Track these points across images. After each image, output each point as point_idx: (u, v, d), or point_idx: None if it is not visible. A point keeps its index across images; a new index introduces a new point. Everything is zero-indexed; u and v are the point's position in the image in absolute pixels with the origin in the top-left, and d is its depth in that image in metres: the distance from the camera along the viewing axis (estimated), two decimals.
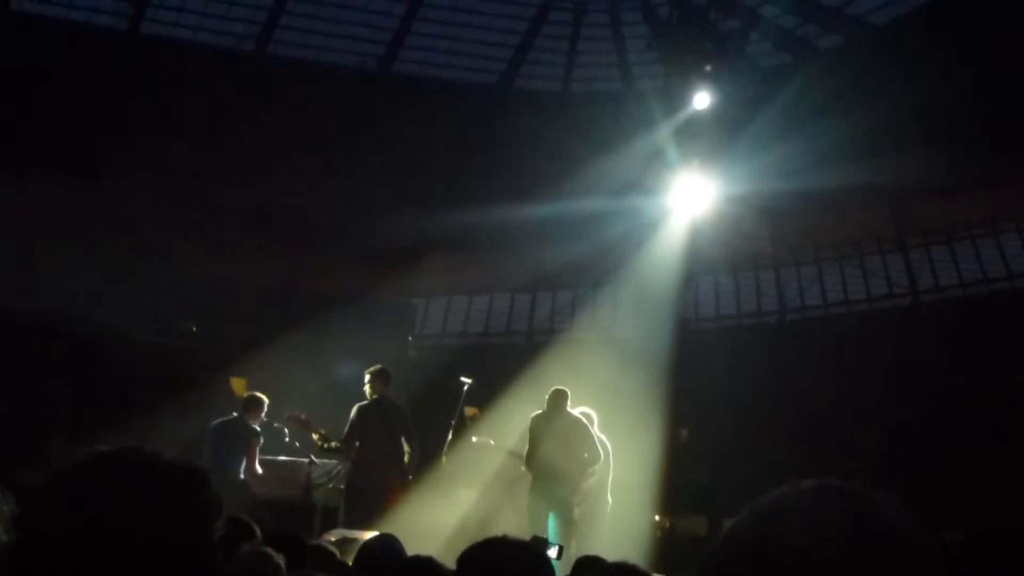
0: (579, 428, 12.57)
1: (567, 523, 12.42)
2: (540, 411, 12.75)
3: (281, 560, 5.10)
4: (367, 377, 12.81)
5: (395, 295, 30.92)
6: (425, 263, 29.47)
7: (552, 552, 7.00)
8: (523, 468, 12.96)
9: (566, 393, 12.78)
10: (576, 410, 12.83)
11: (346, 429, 12.54)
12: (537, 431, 12.60)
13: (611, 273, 28.13)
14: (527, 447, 12.72)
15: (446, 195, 24.80)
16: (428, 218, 24.06)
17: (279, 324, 23.92)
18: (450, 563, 4.38)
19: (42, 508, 1.79)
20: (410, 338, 31.21)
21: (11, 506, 2.53)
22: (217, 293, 24.68)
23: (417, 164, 25.08)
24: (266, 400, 13.08)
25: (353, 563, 6.06)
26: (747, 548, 1.54)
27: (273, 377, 18.03)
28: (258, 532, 6.92)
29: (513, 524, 13.30)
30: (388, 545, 6.37)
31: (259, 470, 12.88)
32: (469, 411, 18.00)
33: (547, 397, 12.80)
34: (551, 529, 11.91)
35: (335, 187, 25.22)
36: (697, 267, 26.88)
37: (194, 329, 25.39)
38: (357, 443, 12.51)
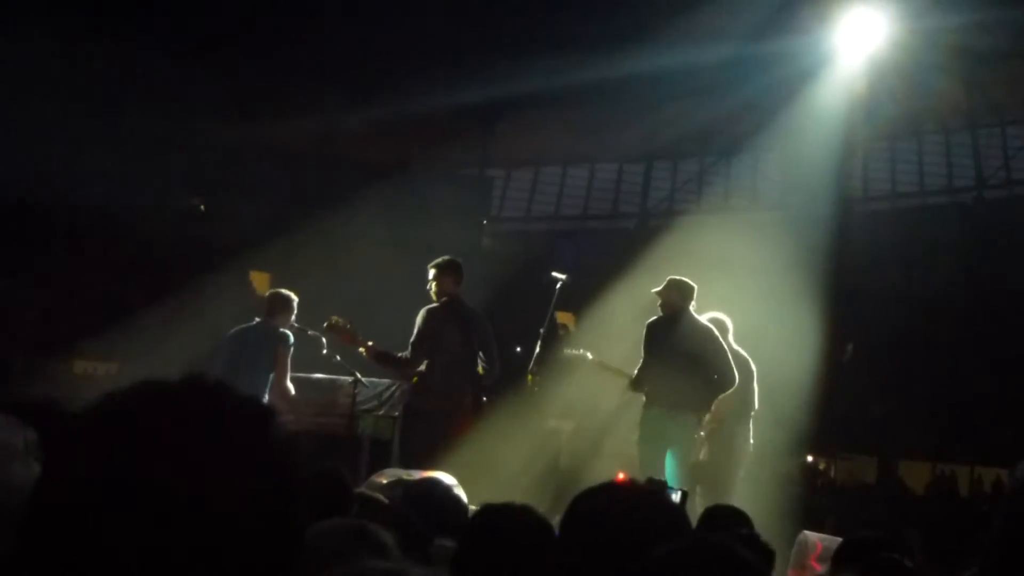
0: (709, 339, 12.37)
1: (689, 464, 12.36)
2: (656, 316, 12.60)
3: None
4: (431, 272, 12.69)
5: (465, 165, 30.91)
6: (505, 124, 29.40)
7: (673, 498, 6.94)
8: (631, 391, 12.87)
9: (692, 289, 12.59)
10: (704, 316, 12.69)
11: (413, 338, 12.39)
12: (653, 342, 12.45)
13: (752, 137, 27.86)
14: (639, 363, 12.60)
15: (531, 37, 24.55)
16: (508, 66, 23.87)
17: (313, 201, 24.01)
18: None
19: (69, 460, 1.73)
20: (485, 221, 31.25)
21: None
22: (232, 161, 24.78)
23: None
24: (295, 299, 13.05)
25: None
26: None
27: (305, 272, 18.08)
28: None
29: (617, 464, 13.29)
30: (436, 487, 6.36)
31: (290, 388, 12.90)
32: (562, 317, 17.93)
33: (663, 293, 12.63)
34: (668, 471, 11.85)
35: (386, 29, 25.07)
36: (866, 129, 26.54)
37: (202, 208, 25.56)
38: (426, 357, 12.40)
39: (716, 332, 12.42)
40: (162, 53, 23.00)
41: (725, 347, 12.39)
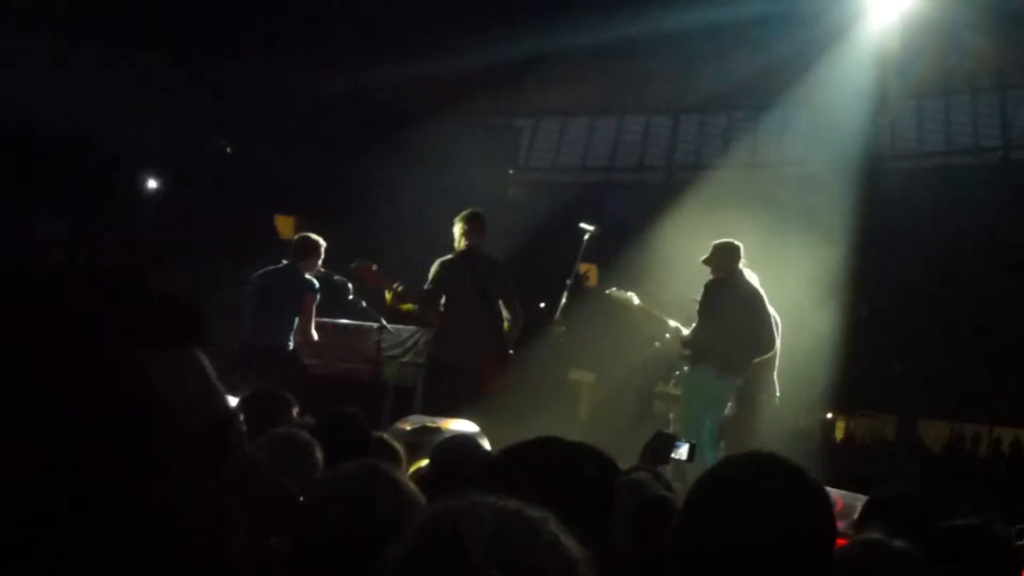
0: (759, 305, 12.30)
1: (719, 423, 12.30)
2: (713, 278, 12.45)
3: (317, 446, 5.06)
4: (456, 226, 12.65)
5: (493, 114, 30.79)
6: (534, 74, 29.26)
7: (682, 452, 6.89)
8: (685, 351, 12.75)
9: (739, 249, 12.46)
10: None
11: (424, 287, 12.42)
12: (709, 304, 12.32)
13: (780, 93, 27.67)
14: (696, 323, 12.46)
15: None
16: (539, 17, 23.73)
17: (340, 146, 23.92)
18: None
19: None
20: (511, 171, 31.13)
21: None
22: (261, 104, 24.68)
23: None
24: (323, 243, 12.99)
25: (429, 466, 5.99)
26: None
27: (331, 216, 18.04)
28: (296, 411, 6.89)
29: (640, 419, 13.24)
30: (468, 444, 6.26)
31: (315, 335, 12.88)
32: (584, 268, 17.84)
33: (712, 259, 12.50)
34: (708, 431, 11.78)
35: None
36: (895, 87, 26.37)
37: (228, 150, 25.50)
38: (440, 308, 12.41)
39: (765, 298, 12.36)
40: None
41: (771, 314, 12.33)
